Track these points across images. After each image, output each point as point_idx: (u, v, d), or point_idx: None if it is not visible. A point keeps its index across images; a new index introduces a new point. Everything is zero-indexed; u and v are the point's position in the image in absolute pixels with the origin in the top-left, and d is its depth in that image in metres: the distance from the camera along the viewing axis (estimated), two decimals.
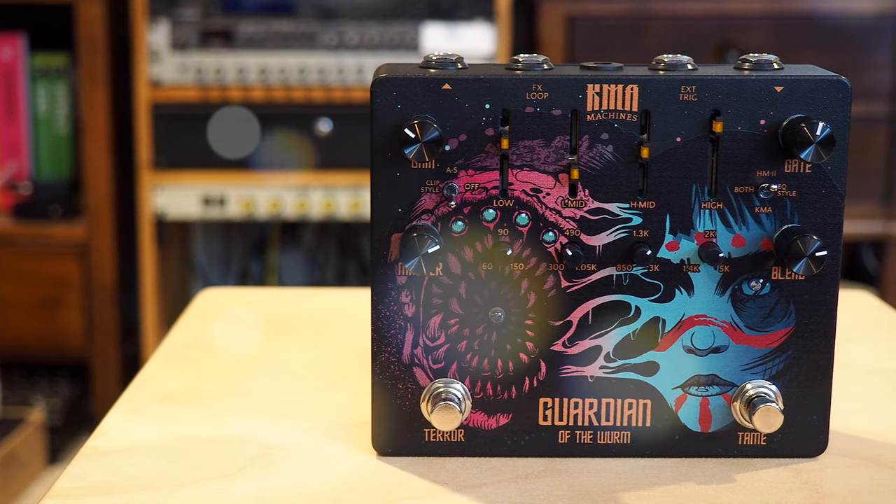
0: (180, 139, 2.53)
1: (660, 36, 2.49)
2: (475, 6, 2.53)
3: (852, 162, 2.46)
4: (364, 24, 2.52)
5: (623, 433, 0.84)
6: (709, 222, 0.82)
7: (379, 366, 0.83)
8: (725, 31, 2.49)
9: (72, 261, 2.60)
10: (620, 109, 0.80)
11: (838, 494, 0.79)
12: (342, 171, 2.52)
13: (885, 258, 2.57)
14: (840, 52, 2.48)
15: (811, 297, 0.83)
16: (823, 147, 0.79)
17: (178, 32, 2.52)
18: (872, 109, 2.50)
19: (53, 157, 2.67)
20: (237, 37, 2.53)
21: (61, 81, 2.64)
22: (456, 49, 2.51)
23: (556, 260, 0.82)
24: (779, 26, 2.50)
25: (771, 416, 0.82)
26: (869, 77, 2.49)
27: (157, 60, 2.52)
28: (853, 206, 2.51)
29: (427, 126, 0.79)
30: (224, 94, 2.51)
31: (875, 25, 2.49)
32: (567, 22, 2.51)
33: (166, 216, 2.56)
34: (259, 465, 0.82)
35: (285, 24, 2.52)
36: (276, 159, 2.52)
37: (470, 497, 0.78)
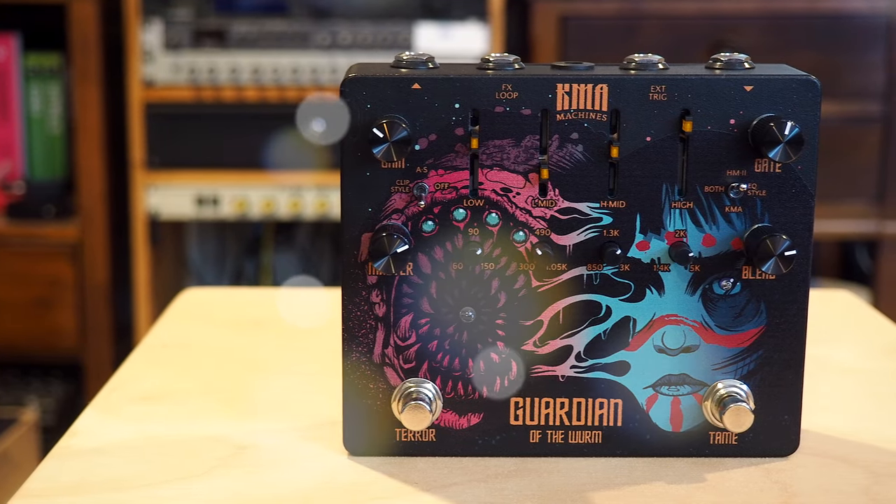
0: (173, 139, 2.53)
1: (653, 36, 2.49)
2: (468, 6, 2.53)
3: (846, 161, 2.48)
4: (357, 23, 2.52)
5: (594, 433, 0.84)
6: (679, 222, 0.82)
7: (350, 366, 0.83)
8: (718, 30, 2.49)
9: (65, 261, 2.60)
10: (590, 109, 0.80)
11: (808, 494, 0.79)
12: (335, 171, 2.52)
13: (879, 257, 2.57)
14: (833, 52, 2.48)
15: (782, 297, 0.83)
16: (792, 146, 0.79)
17: (171, 32, 2.52)
18: (866, 109, 2.50)
19: (47, 157, 2.67)
20: (230, 37, 2.53)
21: (55, 81, 2.64)
22: (449, 49, 2.51)
23: (527, 259, 0.82)
24: (772, 26, 2.49)
25: (741, 415, 0.82)
26: (862, 76, 2.49)
27: (151, 60, 2.52)
28: (846, 205, 2.51)
29: (396, 126, 0.79)
30: (217, 93, 2.51)
31: (868, 25, 2.49)
32: (560, 22, 2.51)
33: (159, 216, 2.56)
34: (230, 465, 0.82)
35: (278, 23, 2.52)
36: (270, 159, 2.52)
37: (439, 497, 0.78)
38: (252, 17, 2.53)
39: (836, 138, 2.50)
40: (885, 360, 1.05)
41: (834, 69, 2.48)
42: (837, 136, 2.50)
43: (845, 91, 2.50)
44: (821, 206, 2.48)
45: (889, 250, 2.55)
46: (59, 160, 2.67)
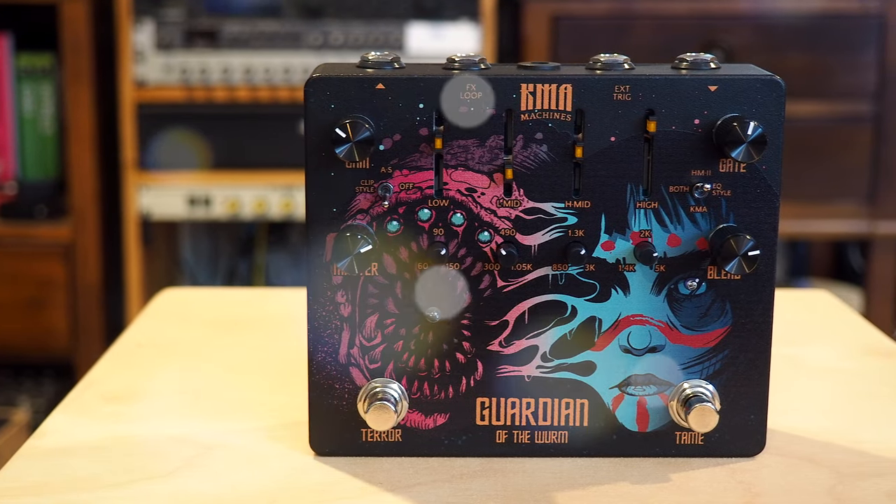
0: (165, 139, 2.53)
1: (644, 35, 2.49)
2: (460, 6, 2.53)
3: (837, 161, 2.47)
4: (349, 24, 2.52)
5: (560, 433, 0.84)
6: (644, 222, 0.82)
7: (315, 366, 0.83)
8: (710, 30, 2.49)
9: (57, 261, 2.60)
10: (554, 109, 0.80)
11: (771, 494, 0.79)
12: None
13: (870, 257, 2.57)
14: (825, 52, 2.48)
15: (747, 297, 0.83)
16: (755, 146, 0.79)
17: (162, 32, 2.52)
18: (857, 109, 2.50)
19: (39, 158, 2.67)
20: (222, 37, 2.53)
21: (47, 81, 2.64)
22: (441, 49, 2.51)
23: (492, 260, 0.82)
24: (763, 26, 2.49)
25: (706, 415, 0.82)
26: (854, 76, 2.49)
27: (142, 60, 2.52)
28: (838, 205, 2.51)
29: (359, 126, 0.79)
30: (209, 94, 2.51)
31: (860, 25, 2.49)
32: (552, 22, 2.51)
33: (151, 216, 2.56)
34: (195, 465, 0.82)
35: (270, 24, 2.52)
36: (262, 159, 2.52)
37: (403, 497, 0.78)
38: (244, 18, 2.53)
39: (827, 138, 2.50)
40: (861, 360, 1.05)
41: (825, 69, 2.48)
42: (829, 137, 2.50)
43: (836, 91, 2.50)
44: (812, 207, 2.48)
45: (881, 250, 2.55)
46: (52, 160, 2.68)
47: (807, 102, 2.49)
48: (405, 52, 2.51)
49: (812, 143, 2.50)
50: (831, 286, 2.94)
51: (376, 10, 2.53)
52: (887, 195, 2.52)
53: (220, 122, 2.51)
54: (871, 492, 0.79)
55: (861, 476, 0.81)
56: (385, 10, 2.53)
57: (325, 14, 2.52)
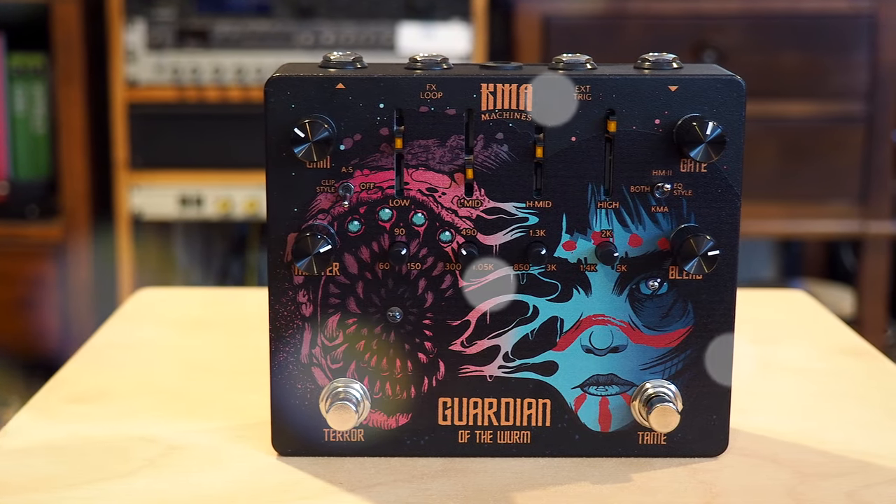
0: (157, 139, 2.53)
1: (636, 36, 2.49)
2: (451, 6, 2.53)
3: (829, 161, 2.47)
4: (340, 23, 2.52)
5: (523, 433, 0.84)
6: (605, 222, 0.82)
7: (277, 366, 0.83)
8: (702, 30, 2.49)
9: (49, 261, 2.61)
10: (515, 109, 0.80)
11: (731, 494, 0.79)
12: None
13: (862, 257, 2.57)
14: (817, 52, 2.48)
15: (709, 297, 0.82)
16: (713, 146, 0.79)
17: (154, 32, 2.52)
18: (849, 109, 2.50)
19: (31, 157, 2.67)
20: (213, 37, 2.53)
21: (38, 81, 2.64)
22: (432, 49, 2.51)
23: (453, 260, 0.82)
24: (755, 26, 2.49)
25: (667, 415, 0.82)
26: (846, 76, 2.49)
27: (134, 60, 2.52)
28: (830, 205, 2.50)
29: (317, 126, 0.79)
30: (200, 94, 2.51)
31: (852, 25, 2.49)
32: (543, 22, 2.51)
33: (143, 216, 2.56)
34: (157, 465, 0.82)
35: (262, 23, 2.52)
36: (253, 159, 2.52)
37: (362, 497, 0.78)
38: (235, 17, 2.53)
39: (819, 138, 2.50)
40: (832, 360, 1.05)
41: (817, 69, 2.48)
42: (821, 136, 2.50)
43: (828, 91, 2.50)
44: (804, 207, 2.48)
45: (872, 250, 2.55)
46: (43, 160, 2.68)
47: (799, 102, 2.49)
48: (397, 53, 2.51)
49: (804, 142, 2.50)
50: (824, 286, 2.94)
51: (368, 10, 2.53)
52: (879, 195, 2.52)
53: (211, 121, 2.51)
54: (831, 492, 0.79)
55: (823, 476, 0.81)
56: (376, 11, 2.53)
57: (316, 14, 2.52)
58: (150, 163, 2.54)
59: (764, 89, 2.49)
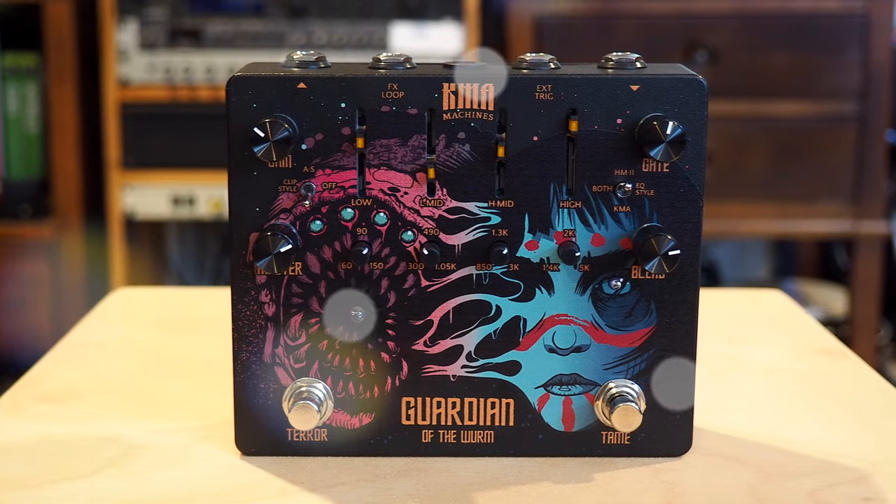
0: (149, 139, 2.53)
1: (628, 35, 2.49)
2: (443, 6, 2.53)
3: (822, 161, 2.47)
4: (333, 23, 2.52)
5: (486, 433, 0.84)
6: (568, 221, 0.82)
7: (240, 365, 0.83)
8: (693, 30, 2.48)
9: (41, 260, 2.61)
10: (476, 108, 0.80)
11: (692, 493, 0.79)
12: None
13: (855, 257, 2.56)
14: (809, 51, 2.47)
15: (671, 297, 0.82)
16: (674, 146, 0.79)
17: (146, 32, 2.52)
18: (841, 108, 2.49)
19: (24, 157, 2.67)
20: (206, 36, 2.53)
21: (31, 81, 2.64)
22: (425, 49, 2.51)
23: (416, 259, 0.82)
24: (747, 25, 2.49)
25: (629, 415, 0.82)
26: (838, 76, 2.48)
27: (126, 60, 2.52)
28: (823, 205, 2.50)
29: (277, 125, 0.79)
30: (193, 93, 2.52)
31: (844, 24, 2.48)
32: (535, 21, 2.51)
33: (136, 216, 2.56)
34: (119, 465, 0.82)
35: (254, 23, 2.53)
36: None
37: (322, 497, 0.78)
38: (228, 17, 2.53)
39: (811, 138, 2.49)
40: (804, 360, 1.05)
41: (809, 68, 2.47)
42: (813, 136, 2.50)
43: (821, 91, 2.49)
44: (797, 206, 2.48)
45: (865, 250, 2.55)
46: (36, 160, 2.68)
47: (791, 102, 2.49)
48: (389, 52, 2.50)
49: (796, 142, 2.49)
50: (818, 286, 2.94)
51: (360, 9, 2.53)
52: (871, 195, 2.51)
53: (204, 121, 2.51)
54: (793, 492, 0.79)
55: (786, 476, 0.81)
56: (369, 10, 2.53)
57: (308, 14, 2.52)
58: (142, 162, 2.54)
59: (756, 89, 2.48)
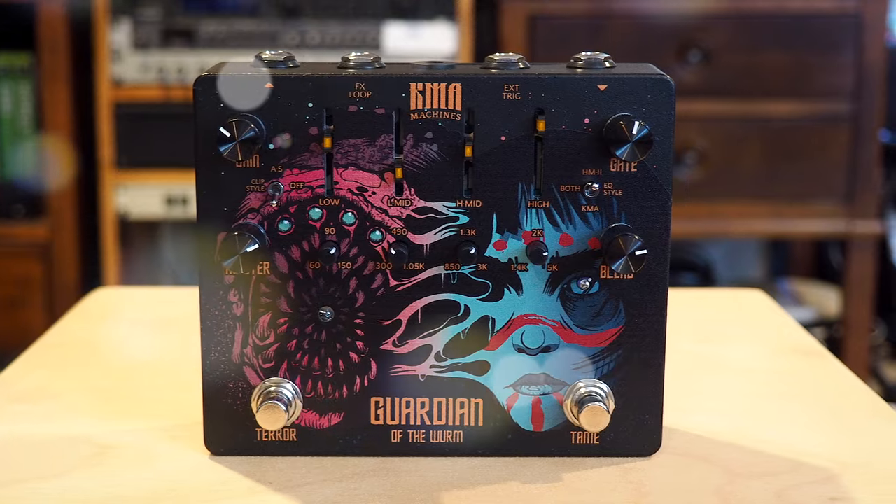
0: (142, 139, 2.53)
1: (621, 35, 2.48)
2: (437, 5, 2.53)
3: (815, 161, 2.47)
4: (326, 23, 2.52)
5: (455, 432, 0.84)
6: (536, 221, 0.81)
7: (209, 365, 0.83)
8: (687, 30, 2.48)
9: (35, 260, 2.61)
10: (444, 108, 0.80)
11: (659, 493, 0.79)
12: None
13: (848, 257, 2.56)
14: (802, 51, 2.47)
15: (640, 297, 0.82)
16: (640, 146, 0.79)
17: (139, 32, 2.52)
18: (835, 108, 2.49)
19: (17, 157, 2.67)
20: (199, 36, 2.53)
21: (25, 81, 2.64)
22: (418, 49, 2.51)
23: (384, 259, 0.82)
24: (740, 25, 2.48)
25: (597, 415, 0.82)
26: (831, 76, 2.48)
27: (119, 60, 2.52)
28: (816, 204, 2.50)
29: (243, 125, 0.79)
30: (186, 93, 2.51)
31: (837, 24, 2.48)
32: (528, 21, 2.51)
33: (129, 216, 2.57)
34: (90, 465, 0.82)
35: (247, 23, 2.53)
36: None
37: (289, 496, 0.78)
38: (221, 17, 2.53)
39: (805, 138, 2.49)
40: (780, 360, 1.05)
41: (803, 68, 2.47)
42: (806, 136, 2.49)
43: (814, 91, 2.49)
44: (791, 206, 2.48)
45: (858, 249, 2.54)
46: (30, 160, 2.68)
47: (784, 102, 2.49)
48: (382, 52, 2.51)
49: (790, 142, 2.49)
50: (812, 285, 2.93)
51: (353, 9, 2.53)
52: (865, 194, 2.51)
53: None
54: (760, 491, 0.79)
55: (753, 476, 0.81)
56: (362, 10, 2.53)
57: (302, 14, 2.52)
58: (135, 162, 2.54)
59: (750, 89, 2.48)
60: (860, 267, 2.56)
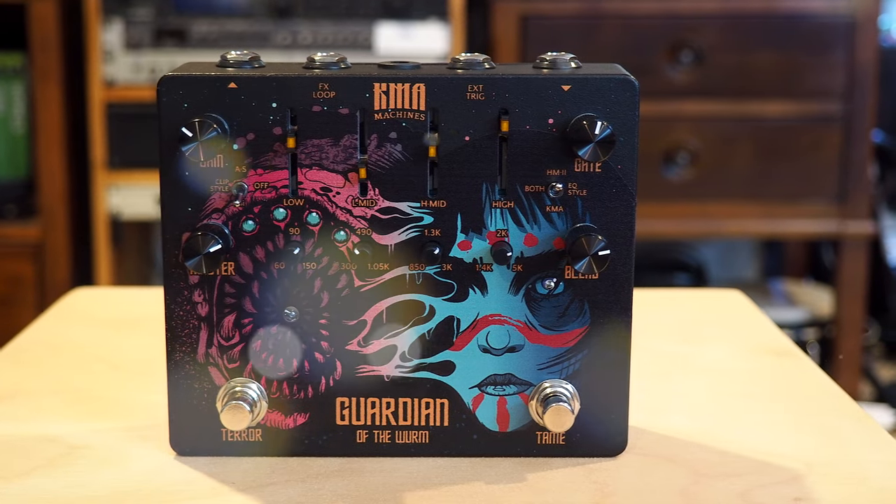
0: (134, 139, 2.53)
1: (613, 35, 2.48)
2: (429, 6, 2.53)
3: (807, 161, 2.47)
4: (318, 23, 2.52)
5: (421, 433, 0.84)
6: (500, 221, 0.81)
7: (174, 365, 0.83)
8: (678, 30, 2.48)
9: (27, 260, 2.61)
10: (408, 108, 0.80)
11: (622, 494, 0.79)
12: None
13: (840, 257, 2.56)
14: (794, 51, 2.47)
15: (605, 297, 0.82)
16: (602, 146, 0.78)
17: (131, 32, 2.52)
18: (826, 109, 2.49)
19: (10, 157, 2.68)
20: (191, 36, 2.53)
21: (17, 81, 2.64)
22: (410, 49, 2.51)
23: (349, 259, 0.82)
24: (732, 25, 2.48)
25: (561, 415, 0.81)
26: (823, 76, 2.48)
27: (111, 60, 2.52)
28: (808, 205, 2.50)
29: (206, 125, 0.79)
30: None
31: (829, 24, 2.48)
32: (520, 21, 2.51)
33: (121, 216, 2.57)
34: (55, 465, 0.82)
35: (239, 23, 2.53)
36: None
37: (252, 497, 0.78)
38: (213, 17, 2.53)
39: (797, 138, 2.49)
40: (755, 360, 1.05)
41: (794, 69, 2.47)
42: (798, 136, 2.49)
43: (806, 91, 2.49)
44: (782, 206, 2.48)
45: (850, 249, 2.54)
46: (23, 160, 2.68)
47: (776, 102, 2.49)
48: (374, 52, 2.51)
49: (782, 142, 2.49)
50: (806, 285, 2.93)
51: (345, 9, 2.53)
52: (857, 195, 2.51)
53: None
54: (724, 492, 0.79)
55: (718, 476, 0.81)
56: (354, 10, 2.53)
57: (294, 14, 2.52)
58: (128, 162, 2.54)
59: (741, 89, 2.48)
60: (852, 267, 2.56)
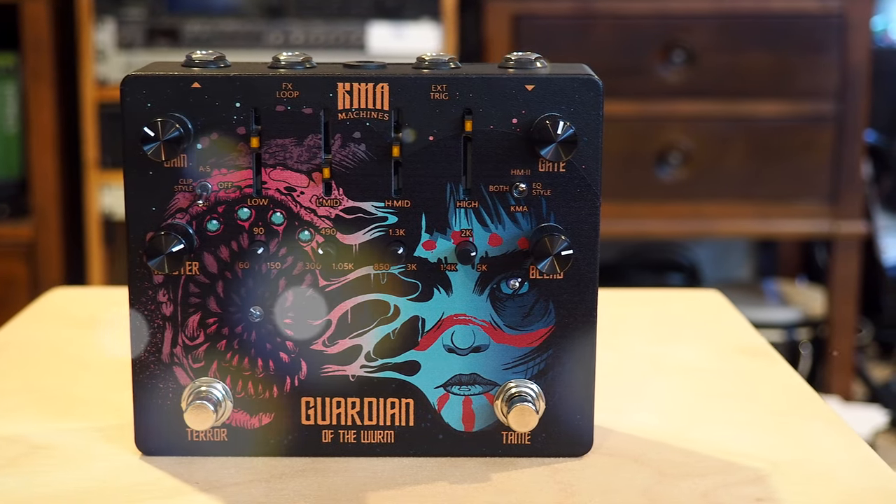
0: None
1: (605, 35, 2.48)
2: (421, 5, 2.53)
3: (799, 161, 2.46)
4: (310, 23, 2.52)
5: (387, 432, 0.84)
6: (465, 221, 0.81)
7: (139, 365, 0.83)
8: (671, 30, 2.48)
9: (19, 261, 2.61)
10: (372, 108, 0.80)
11: (586, 494, 0.79)
12: None
13: (833, 257, 2.56)
14: (786, 52, 2.47)
15: (570, 297, 0.82)
16: (565, 146, 0.78)
17: (123, 32, 2.52)
18: (819, 109, 2.49)
19: (2, 157, 2.68)
20: (183, 36, 2.53)
21: (10, 81, 2.64)
22: (403, 48, 2.51)
23: (313, 259, 0.82)
24: (724, 25, 2.48)
25: (526, 415, 0.81)
26: (815, 76, 2.48)
27: (103, 60, 2.52)
28: (801, 205, 2.49)
29: (168, 125, 0.79)
30: None
31: (821, 25, 2.48)
32: (513, 21, 2.51)
33: (114, 216, 2.57)
34: (18, 465, 0.82)
35: (231, 23, 2.53)
36: None
37: (214, 497, 0.78)
38: (205, 17, 2.53)
39: (789, 138, 2.49)
40: (727, 360, 1.05)
41: (787, 69, 2.47)
42: (791, 136, 2.49)
43: (799, 91, 2.49)
44: (774, 206, 2.47)
45: (843, 250, 2.54)
46: (15, 160, 2.68)
47: (768, 102, 2.48)
48: (367, 52, 2.51)
49: (774, 142, 2.49)
50: (799, 286, 2.93)
51: (338, 9, 2.53)
52: (850, 195, 2.51)
53: None
54: (687, 492, 0.79)
55: (682, 476, 0.81)
56: (346, 10, 2.53)
57: (286, 13, 2.52)
58: (120, 162, 2.54)
59: (734, 89, 2.48)
60: (845, 267, 2.55)
